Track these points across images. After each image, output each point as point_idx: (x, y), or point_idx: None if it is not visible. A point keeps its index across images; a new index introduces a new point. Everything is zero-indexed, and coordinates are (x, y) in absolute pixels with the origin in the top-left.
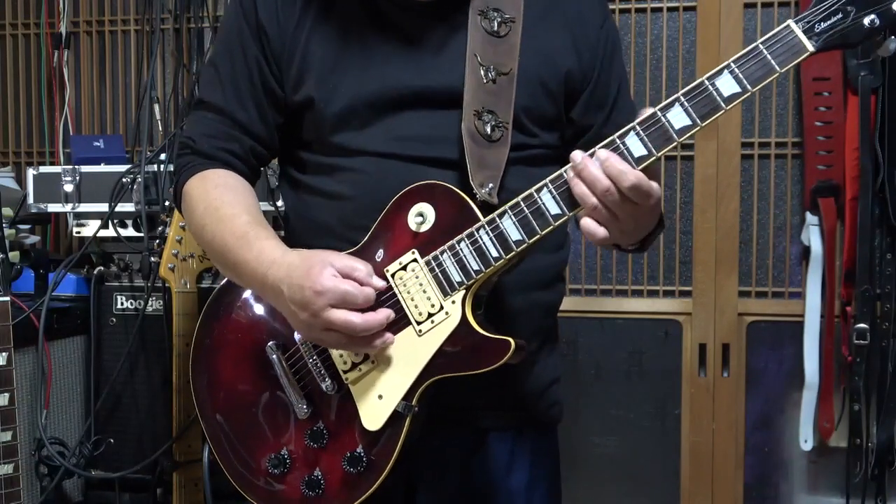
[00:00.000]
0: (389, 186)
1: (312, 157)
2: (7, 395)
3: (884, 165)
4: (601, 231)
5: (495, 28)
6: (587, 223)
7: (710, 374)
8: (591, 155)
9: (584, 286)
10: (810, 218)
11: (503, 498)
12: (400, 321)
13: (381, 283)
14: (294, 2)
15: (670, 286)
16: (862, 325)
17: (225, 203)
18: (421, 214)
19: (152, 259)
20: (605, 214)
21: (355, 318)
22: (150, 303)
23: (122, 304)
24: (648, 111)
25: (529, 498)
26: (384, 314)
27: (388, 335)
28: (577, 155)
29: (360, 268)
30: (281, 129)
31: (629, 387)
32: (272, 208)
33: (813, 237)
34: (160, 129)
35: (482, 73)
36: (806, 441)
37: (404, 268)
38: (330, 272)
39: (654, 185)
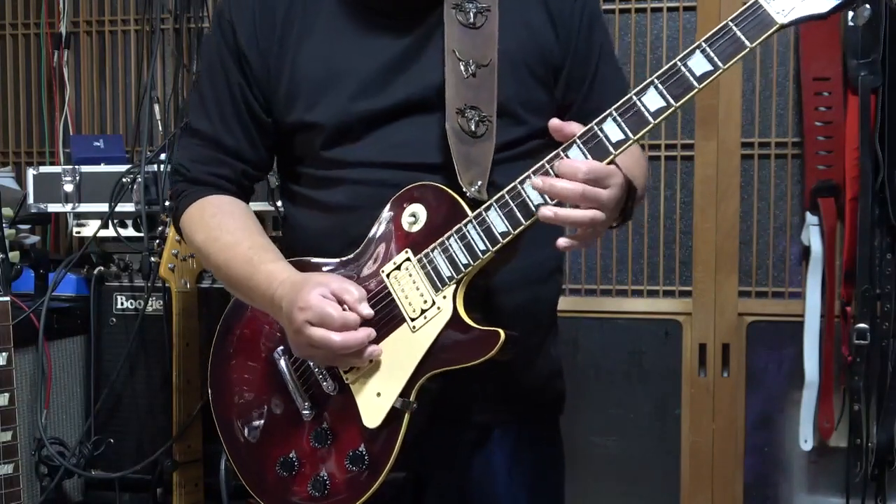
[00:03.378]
0: (383, 195)
1: (308, 170)
2: (7, 395)
3: (884, 165)
4: (557, 212)
5: (472, 20)
6: (544, 211)
7: (710, 374)
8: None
9: (584, 286)
10: (810, 218)
11: (510, 491)
12: (395, 320)
13: (367, 312)
14: (273, 25)
15: (670, 286)
16: (862, 325)
17: (224, 231)
18: (413, 215)
19: (152, 259)
20: (590, 215)
21: (334, 336)
22: (150, 303)
23: (122, 304)
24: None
25: (536, 489)
26: (364, 333)
27: (374, 348)
28: (538, 182)
29: (353, 292)
30: (274, 148)
31: (629, 387)
32: (272, 208)
33: (813, 237)
34: (160, 129)
35: (462, 68)
36: (806, 441)
37: (398, 268)
38: (319, 292)
39: (611, 166)
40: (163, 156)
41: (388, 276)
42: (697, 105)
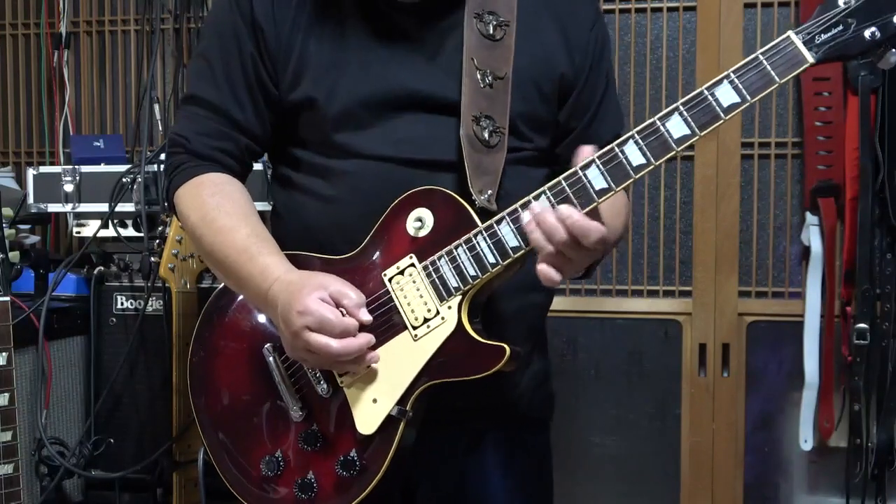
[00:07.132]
0: (386, 191)
1: (308, 156)
2: (7, 395)
3: (884, 165)
4: (558, 277)
5: (491, 31)
6: (545, 270)
7: (710, 374)
8: (553, 206)
9: (584, 286)
10: (810, 218)
11: (499, 496)
12: (396, 326)
13: (366, 318)
14: (289, 0)
15: (670, 286)
16: (862, 325)
17: (222, 213)
18: (420, 220)
19: (152, 259)
20: (561, 260)
21: (333, 342)
22: (150, 303)
23: (122, 304)
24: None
25: (526, 494)
26: (364, 339)
27: (372, 354)
28: (537, 206)
29: (352, 297)
30: (277, 127)
31: (629, 387)
32: (270, 208)
33: (813, 237)
34: (160, 129)
35: (479, 77)
36: (806, 441)
37: (402, 272)
38: (318, 295)
39: (605, 232)
40: (163, 156)
41: (389, 280)
42: None
